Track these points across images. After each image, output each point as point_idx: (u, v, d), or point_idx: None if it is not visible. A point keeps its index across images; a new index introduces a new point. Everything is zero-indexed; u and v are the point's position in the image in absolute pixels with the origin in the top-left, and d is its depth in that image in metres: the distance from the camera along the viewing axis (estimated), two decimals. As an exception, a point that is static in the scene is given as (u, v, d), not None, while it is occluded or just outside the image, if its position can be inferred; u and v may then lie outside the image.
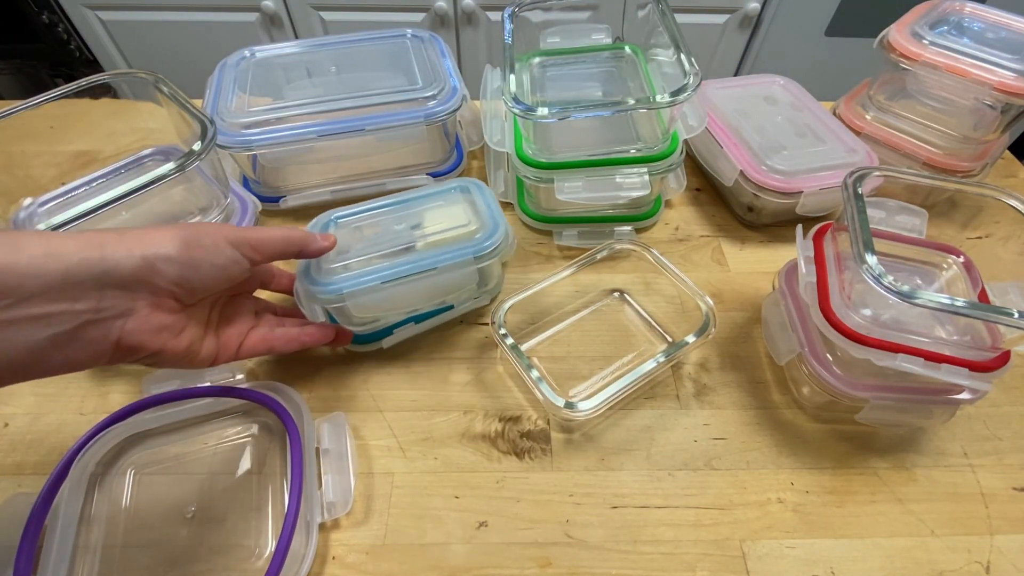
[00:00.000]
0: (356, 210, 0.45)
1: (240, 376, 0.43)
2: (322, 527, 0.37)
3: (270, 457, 0.40)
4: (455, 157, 0.60)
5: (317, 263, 0.40)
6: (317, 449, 0.39)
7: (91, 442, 0.38)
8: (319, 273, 0.40)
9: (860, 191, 0.39)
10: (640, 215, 0.56)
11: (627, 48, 0.60)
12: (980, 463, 0.42)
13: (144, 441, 0.41)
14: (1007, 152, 0.65)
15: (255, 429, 0.42)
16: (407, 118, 0.51)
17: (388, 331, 0.45)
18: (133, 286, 0.29)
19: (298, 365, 0.46)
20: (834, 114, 0.60)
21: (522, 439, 0.42)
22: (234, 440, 0.41)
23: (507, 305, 0.45)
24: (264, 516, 0.38)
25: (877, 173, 0.41)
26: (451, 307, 0.47)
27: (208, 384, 0.42)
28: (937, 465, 0.41)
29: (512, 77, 0.48)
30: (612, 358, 0.46)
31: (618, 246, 0.50)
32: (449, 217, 0.44)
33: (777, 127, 0.56)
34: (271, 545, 0.36)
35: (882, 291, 0.33)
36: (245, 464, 0.40)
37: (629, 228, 0.55)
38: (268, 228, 0.35)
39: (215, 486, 0.39)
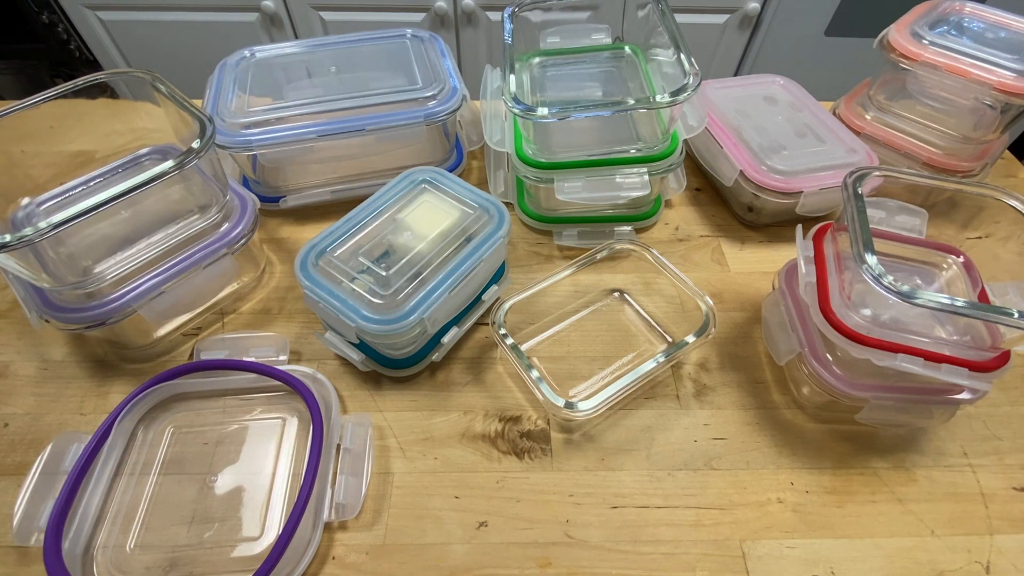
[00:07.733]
0: (341, 232, 0.43)
1: (283, 357, 0.44)
2: (325, 526, 0.37)
3: (298, 445, 0.41)
4: (455, 157, 0.60)
5: (348, 302, 0.38)
6: (338, 446, 0.40)
7: (142, 394, 0.41)
8: (375, 310, 0.38)
9: (860, 191, 0.38)
10: (640, 215, 0.56)
11: (627, 48, 0.60)
12: (980, 463, 0.42)
13: (186, 402, 0.43)
14: (1007, 152, 0.65)
15: (287, 413, 0.43)
16: (407, 118, 0.51)
17: (433, 343, 0.44)
18: None
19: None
20: (834, 114, 0.60)
21: (522, 439, 0.42)
22: (264, 419, 0.42)
23: (507, 305, 0.45)
24: (276, 504, 0.38)
25: (877, 173, 0.41)
26: (480, 299, 0.46)
27: (252, 360, 0.43)
28: (937, 465, 0.41)
29: (512, 77, 0.48)
30: (612, 358, 0.46)
31: (618, 246, 0.50)
32: (434, 211, 0.44)
33: (777, 127, 0.56)
34: (273, 534, 0.37)
35: (882, 291, 0.33)
36: (269, 447, 0.41)
37: (629, 228, 0.55)
38: None
39: (235, 461, 0.40)
